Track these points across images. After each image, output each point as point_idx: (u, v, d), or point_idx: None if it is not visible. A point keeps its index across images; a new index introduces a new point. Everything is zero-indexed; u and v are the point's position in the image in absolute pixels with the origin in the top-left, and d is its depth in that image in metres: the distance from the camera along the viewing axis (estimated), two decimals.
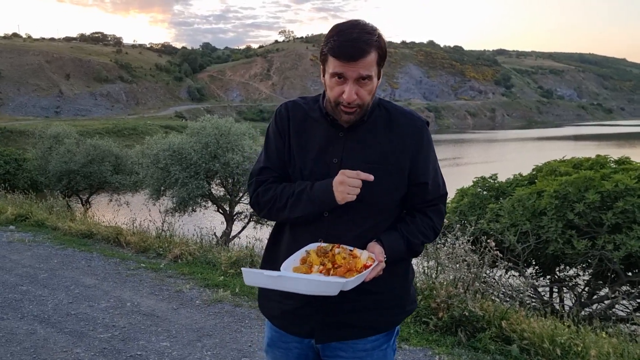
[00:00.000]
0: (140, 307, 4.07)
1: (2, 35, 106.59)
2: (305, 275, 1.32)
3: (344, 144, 1.43)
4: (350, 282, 1.28)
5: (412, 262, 1.59)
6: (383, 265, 1.36)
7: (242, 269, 1.33)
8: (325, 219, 1.42)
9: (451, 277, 3.65)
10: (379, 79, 1.41)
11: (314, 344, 1.50)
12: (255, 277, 1.30)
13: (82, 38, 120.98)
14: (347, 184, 1.34)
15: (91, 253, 5.82)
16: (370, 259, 1.35)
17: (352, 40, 1.30)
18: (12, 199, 9.93)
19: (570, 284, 5.55)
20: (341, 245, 1.38)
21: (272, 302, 1.53)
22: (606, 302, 5.20)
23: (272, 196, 1.46)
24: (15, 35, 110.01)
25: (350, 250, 1.37)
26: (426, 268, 4.03)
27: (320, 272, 1.33)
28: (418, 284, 3.72)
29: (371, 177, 1.35)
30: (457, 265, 3.69)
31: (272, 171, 1.50)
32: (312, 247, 1.39)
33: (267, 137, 1.54)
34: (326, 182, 1.38)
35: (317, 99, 1.51)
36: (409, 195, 1.49)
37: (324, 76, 1.41)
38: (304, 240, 1.42)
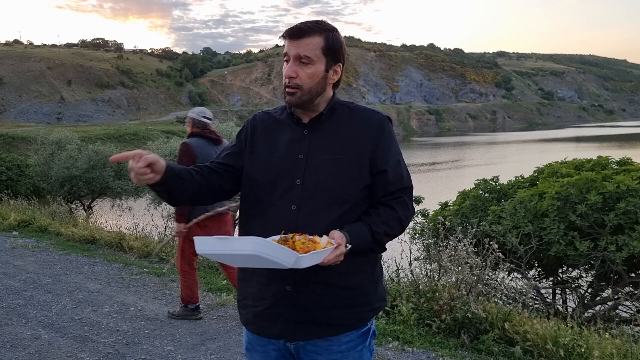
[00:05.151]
0: (144, 312, 4.09)
1: (4, 42, 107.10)
2: (257, 238, 1.30)
3: (309, 140, 1.51)
4: (305, 258, 1.27)
5: (379, 260, 1.60)
6: (342, 249, 1.35)
7: (194, 237, 1.31)
8: (293, 211, 1.45)
9: (453, 279, 3.65)
10: (327, 70, 1.49)
11: (284, 343, 1.52)
12: (207, 243, 1.27)
13: (84, 44, 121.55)
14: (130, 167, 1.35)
15: (94, 258, 5.84)
16: (329, 244, 1.34)
17: (300, 24, 1.46)
18: (15, 205, 9.97)
19: (573, 286, 5.54)
20: (303, 234, 1.38)
21: (247, 308, 1.56)
22: (609, 303, 5.20)
23: None
24: (16, 42, 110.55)
25: (311, 237, 1.37)
26: (428, 270, 4.04)
27: None
28: (420, 286, 3.73)
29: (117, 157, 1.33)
30: (460, 268, 3.70)
31: (215, 163, 1.61)
32: (275, 237, 1.40)
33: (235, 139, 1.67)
34: None
35: (285, 106, 1.60)
36: (373, 187, 1.51)
37: None
38: (273, 233, 1.43)
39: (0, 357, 3.26)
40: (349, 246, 1.38)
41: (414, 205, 1.61)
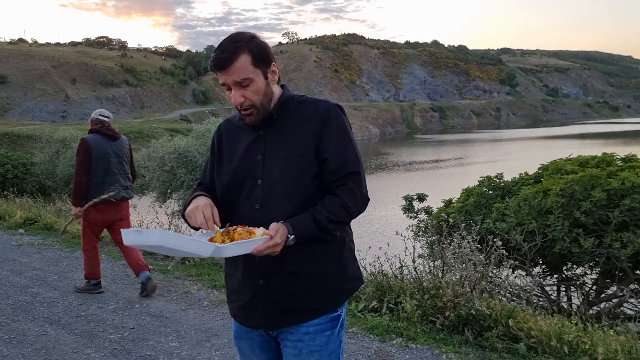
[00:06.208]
0: (149, 309, 4.11)
1: (9, 40, 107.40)
2: (169, 231, 1.39)
3: (264, 141, 1.58)
4: (227, 248, 1.36)
5: (349, 243, 1.64)
6: (276, 240, 1.40)
7: (121, 230, 1.39)
8: (256, 210, 1.54)
9: (457, 276, 3.65)
10: (266, 77, 1.54)
11: (263, 332, 1.62)
12: (130, 235, 1.35)
13: (88, 42, 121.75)
14: (199, 211, 1.49)
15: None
16: (265, 234, 1.41)
17: (220, 52, 1.48)
18: (21, 203, 10.03)
19: (577, 283, 5.53)
20: (246, 226, 1.47)
21: (232, 302, 1.67)
22: (614, 300, 5.18)
23: (186, 200, 1.68)
24: (21, 40, 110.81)
25: (251, 229, 1.45)
26: (432, 268, 4.04)
27: None
28: (424, 283, 3.73)
29: (209, 231, 1.47)
30: (464, 265, 3.70)
31: (204, 184, 1.73)
32: (223, 229, 1.49)
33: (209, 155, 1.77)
34: (193, 202, 1.56)
35: None
36: (323, 176, 1.55)
37: None
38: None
39: (7, 353, 3.30)
40: (292, 236, 1.45)
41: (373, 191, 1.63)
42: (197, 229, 1.56)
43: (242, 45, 1.48)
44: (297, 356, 1.56)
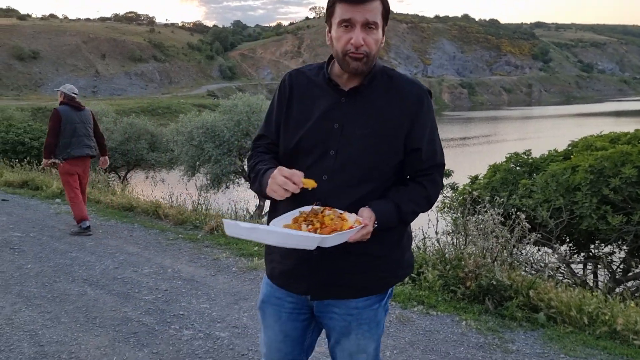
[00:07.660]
0: (181, 273, 4.32)
1: (40, 16, 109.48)
2: (280, 228, 1.34)
3: (346, 109, 1.46)
4: (329, 239, 1.30)
5: (408, 230, 1.60)
6: (369, 229, 1.37)
7: (222, 219, 1.38)
8: (324, 182, 1.43)
9: (479, 248, 3.70)
10: (383, 35, 1.45)
11: (309, 300, 1.56)
12: (234, 228, 1.32)
13: (117, 18, 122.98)
14: (274, 181, 1.37)
15: (132, 224, 6.13)
16: (357, 222, 1.36)
17: None
18: (57, 174, 10.43)
19: (605, 261, 5.48)
20: (333, 208, 1.40)
21: (273, 263, 1.59)
22: None
23: (249, 166, 1.57)
24: (52, 16, 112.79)
25: (341, 213, 1.39)
26: (455, 239, 4.09)
27: (309, 231, 1.34)
28: (446, 255, 3.80)
29: (296, 189, 1.34)
30: (486, 239, 3.73)
31: (267, 138, 1.59)
32: (306, 208, 1.42)
33: (271, 105, 1.61)
34: (270, 172, 1.42)
35: (322, 65, 1.54)
36: (405, 163, 1.50)
37: (329, 33, 1.46)
38: (302, 203, 1.44)
39: (51, 310, 3.54)
40: (376, 224, 1.40)
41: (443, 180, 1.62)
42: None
43: None
44: (347, 328, 1.54)
